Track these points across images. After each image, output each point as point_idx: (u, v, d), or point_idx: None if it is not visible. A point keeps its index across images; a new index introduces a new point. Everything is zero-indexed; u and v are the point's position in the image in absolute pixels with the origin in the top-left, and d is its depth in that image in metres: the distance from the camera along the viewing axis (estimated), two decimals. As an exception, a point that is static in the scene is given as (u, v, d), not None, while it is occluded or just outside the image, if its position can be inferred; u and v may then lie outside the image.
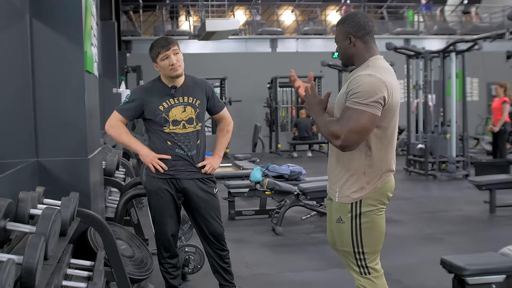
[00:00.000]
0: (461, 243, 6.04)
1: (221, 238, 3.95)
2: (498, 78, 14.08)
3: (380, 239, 2.93)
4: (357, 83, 2.71)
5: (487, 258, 3.81)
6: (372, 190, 2.83)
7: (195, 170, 3.83)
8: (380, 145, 2.81)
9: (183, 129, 3.76)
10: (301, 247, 5.97)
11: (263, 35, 18.57)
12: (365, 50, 2.85)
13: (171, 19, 19.36)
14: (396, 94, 2.79)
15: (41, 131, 3.33)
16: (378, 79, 2.70)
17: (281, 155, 15.65)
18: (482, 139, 15.52)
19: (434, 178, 10.67)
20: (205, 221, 3.90)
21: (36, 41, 3.28)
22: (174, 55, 3.69)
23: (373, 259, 2.92)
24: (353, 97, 2.69)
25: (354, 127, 2.67)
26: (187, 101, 3.78)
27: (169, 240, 3.90)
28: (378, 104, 2.68)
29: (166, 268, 3.97)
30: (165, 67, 3.70)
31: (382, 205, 2.90)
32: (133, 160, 7.26)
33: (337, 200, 2.92)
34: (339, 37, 2.90)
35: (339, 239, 2.98)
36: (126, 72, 14.73)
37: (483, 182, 7.44)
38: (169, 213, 3.85)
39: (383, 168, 2.84)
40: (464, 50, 10.65)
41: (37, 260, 1.91)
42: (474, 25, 19.93)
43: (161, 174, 3.78)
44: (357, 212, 2.84)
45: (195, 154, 3.82)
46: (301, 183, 7.11)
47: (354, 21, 2.83)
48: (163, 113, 3.73)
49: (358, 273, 2.94)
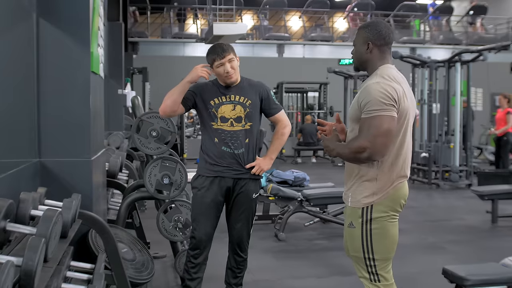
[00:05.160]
0: (463, 252, 6.04)
1: (241, 242, 3.97)
2: (502, 89, 14.09)
3: (391, 247, 2.95)
4: (367, 92, 2.80)
5: (488, 269, 3.82)
6: (383, 196, 2.86)
7: (242, 170, 3.86)
8: (391, 151, 2.84)
9: (230, 126, 3.81)
10: (303, 253, 5.95)
11: (270, 40, 18.56)
12: (379, 59, 2.93)
13: (179, 21, 19.35)
14: (407, 99, 2.84)
15: (44, 131, 3.31)
16: (386, 85, 2.78)
17: (286, 160, 15.62)
18: (485, 149, 15.51)
19: (437, 187, 10.64)
20: (233, 222, 3.96)
21: (42, 41, 3.26)
22: (229, 62, 3.77)
23: (384, 266, 2.94)
24: (366, 107, 2.77)
25: (377, 132, 2.73)
26: (238, 100, 3.84)
27: (200, 239, 3.87)
28: (391, 106, 2.75)
29: (188, 267, 3.95)
30: (220, 74, 3.80)
31: (394, 212, 2.92)
32: (136, 162, 7.25)
33: (350, 205, 2.97)
34: (358, 40, 2.98)
35: (350, 244, 3.01)
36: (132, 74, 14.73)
37: (485, 192, 7.46)
38: (205, 213, 3.86)
39: (395, 174, 2.87)
40: (469, 60, 10.70)
41: (37, 262, 1.88)
42: (479, 35, 19.92)
43: (208, 173, 3.84)
44: (368, 218, 2.87)
45: (243, 153, 3.84)
46: (305, 189, 7.09)
47: (377, 29, 2.92)
48: (213, 108, 3.81)
49: (368, 280, 2.96)
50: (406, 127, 2.89)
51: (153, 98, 15.17)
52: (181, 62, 16.45)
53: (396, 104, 2.77)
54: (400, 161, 2.89)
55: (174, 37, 18.08)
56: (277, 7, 19.60)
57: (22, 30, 3.06)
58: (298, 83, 16.99)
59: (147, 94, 14.61)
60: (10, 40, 2.80)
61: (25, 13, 3.08)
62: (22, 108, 3.07)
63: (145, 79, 14.75)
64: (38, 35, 3.26)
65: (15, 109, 2.91)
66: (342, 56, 18.10)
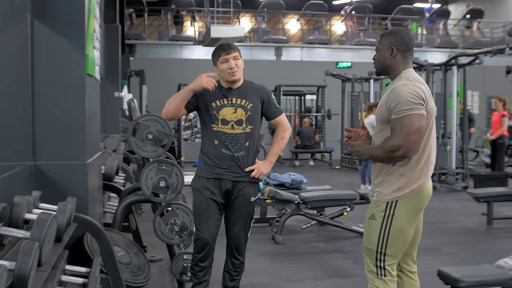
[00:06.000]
0: (458, 254, 6.07)
1: (238, 245, 3.97)
2: (498, 92, 14.13)
3: (404, 246, 3.14)
4: (395, 94, 2.97)
5: (483, 271, 3.90)
6: (409, 192, 3.02)
7: (241, 173, 3.86)
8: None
9: (231, 129, 3.82)
10: (300, 256, 5.93)
11: (268, 43, 18.55)
12: (402, 64, 3.11)
13: (176, 24, 19.31)
14: (431, 101, 3.04)
15: (39, 134, 3.29)
16: (413, 86, 2.97)
17: (283, 163, 15.62)
18: (481, 151, 15.54)
19: (434, 189, 10.58)
20: (231, 225, 3.95)
21: (36, 43, 3.24)
22: (234, 60, 3.81)
23: (391, 263, 3.11)
24: (396, 108, 2.94)
25: (410, 130, 2.89)
26: (239, 103, 3.85)
27: (205, 241, 3.86)
28: (420, 105, 2.93)
29: (195, 270, 3.94)
30: (224, 70, 3.82)
31: (416, 212, 3.10)
32: (133, 165, 7.22)
33: (375, 199, 3.12)
34: (382, 46, 3.15)
35: (367, 236, 3.17)
36: (129, 76, 14.68)
37: (481, 195, 7.53)
38: (208, 214, 3.85)
39: (421, 172, 3.04)
40: (466, 63, 10.76)
41: (30, 266, 1.86)
42: (475, 39, 19.94)
43: (207, 174, 3.84)
44: (391, 213, 3.04)
45: (243, 156, 3.84)
46: (302, 192, 7.09)
47: (400, 36, 3.11)
48: (214, 110, 3.81)
49: (374, 274, 3.13)
50: (432, 126, 3.07)
51: (150, 101, 15.15)
52: (179, 64, 16.44)
53: (424, 103, 2.95)
54: (424, 158, 3.05)
55: (172, 40, 18.03)
56: (275, 9, 19.57)
57: (16, 31, 3.04)
58: (296, 86, 16.99)
59: (144, 97, 14.58)
60: (4, 41, 2.78)
61: (19, 15, 3.06)
62: (16, 110, 3.05)
63: (142, 81, 14.71)
64: (33, 37, 3.24)
65: (9, 111, 2.88)
66: (340, 59, 18.12)
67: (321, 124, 16.62)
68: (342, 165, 14.87)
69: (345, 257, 5.87)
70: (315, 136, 15.72)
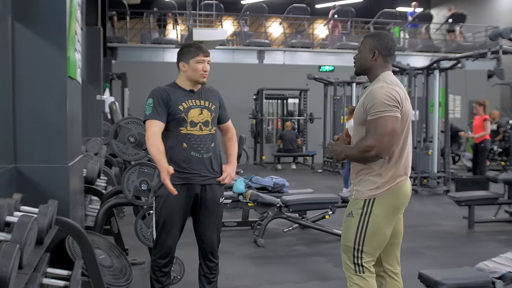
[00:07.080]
0: (440, 257, 6.10)
1: (213, 248, 3.92)
2: (480, 96, 14.25)
3: (381, 245, 3.19)
4: (372, 96, 3.03)
5: (463, 273, 3.94)
6: (386, 190, 3.08)
7: (208, 176, 3.81)
8: (395, 149, 3.08)
9: (199, 131, 3.78)
10: (282, 259, 5.94)
11: (251, 46, 18.57)
12: (381, 67, 3.16)
13: (159, 27, 19.27)
14: (406, 103, 3.09)
15: (20, 136, 3.27)
16: (389, 88, 3.03)
17: (265, 167, 15.63)
18: (463, 155, 15.66)
19: (416, 193, 10.71)
20: (203, 229, 3.88)
21: (17, 45, 3.22)
22: (207, 63, 3.82)
23: (369, 260, 3.15)
24: (372, 110, 3.00)
25: (384, 131, 2.96)
26: (204, 104, 3.83)
27: (169, 248, 3.82)
28: (395, 107, 2.99)
29: (158, 276, 3.87)
30: (197, 70, 3.77)
31: (394, 211, 3.18)
32: (115, 169, 7.19)
33: (353, 197, 3.18)
34: (365, 47, 3.20)
35: (344, 233, 3.22)
36: (111, 79, 14.63)
37: (462, 198, 7.58)
38: (175, 221, 3.78)
39: (398, 171, 3.10)
40: (448, 68, 10.82)
41: (11, 268, 1.86)
42: (458, 43, 20.11)
43: (174, 180, 3.64)
44: (368, 210, 3.10)
45: (210, 157, 3.81)
46: (284, 195, 7.10)
47: (384, 40, 3.17)
48: (182, 113, 3.75)
49: (352, 271, 3.17)
50: (408, 128, 3.13)
51: (132, 104, 15.09)
52: (161, 68, 16.37)
53: (399, 106, 3.00)
54: (403, 159, 3.12)
55: (154, 43, 17.98)
56: (257, 13, 19.64)
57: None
58: (279, 90, 17.02)
59: (126, 100, 14.53)
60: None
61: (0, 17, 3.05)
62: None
63: (124, 84, 14.66)
64: (14, 39, 3.22)
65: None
66: (322, 62, 18.18)
67: (303, 128, 16.67)
68: (324, 169, 14.92)
69: (327, 260, 5.89)
70: (298, 139, 15.76)
